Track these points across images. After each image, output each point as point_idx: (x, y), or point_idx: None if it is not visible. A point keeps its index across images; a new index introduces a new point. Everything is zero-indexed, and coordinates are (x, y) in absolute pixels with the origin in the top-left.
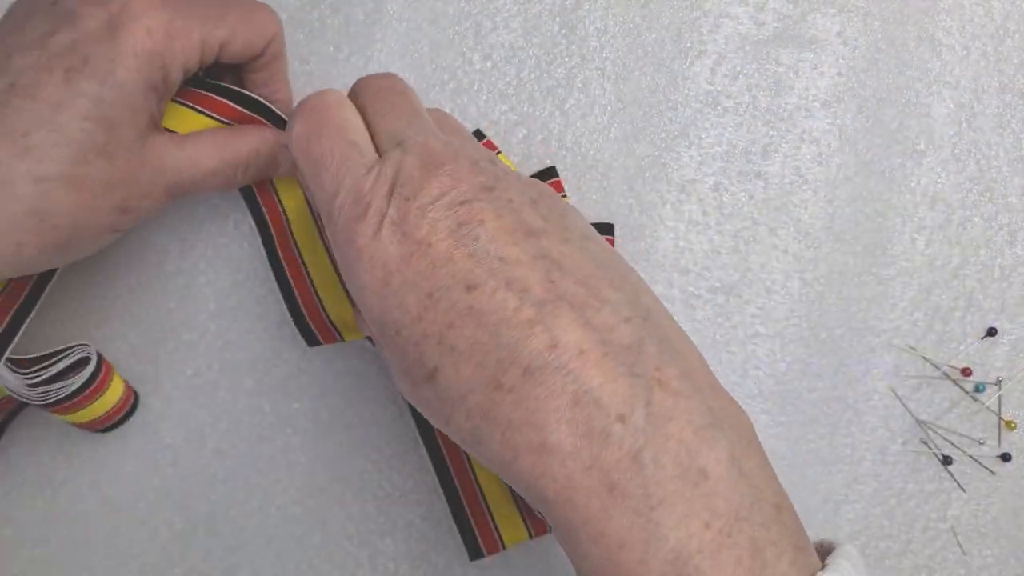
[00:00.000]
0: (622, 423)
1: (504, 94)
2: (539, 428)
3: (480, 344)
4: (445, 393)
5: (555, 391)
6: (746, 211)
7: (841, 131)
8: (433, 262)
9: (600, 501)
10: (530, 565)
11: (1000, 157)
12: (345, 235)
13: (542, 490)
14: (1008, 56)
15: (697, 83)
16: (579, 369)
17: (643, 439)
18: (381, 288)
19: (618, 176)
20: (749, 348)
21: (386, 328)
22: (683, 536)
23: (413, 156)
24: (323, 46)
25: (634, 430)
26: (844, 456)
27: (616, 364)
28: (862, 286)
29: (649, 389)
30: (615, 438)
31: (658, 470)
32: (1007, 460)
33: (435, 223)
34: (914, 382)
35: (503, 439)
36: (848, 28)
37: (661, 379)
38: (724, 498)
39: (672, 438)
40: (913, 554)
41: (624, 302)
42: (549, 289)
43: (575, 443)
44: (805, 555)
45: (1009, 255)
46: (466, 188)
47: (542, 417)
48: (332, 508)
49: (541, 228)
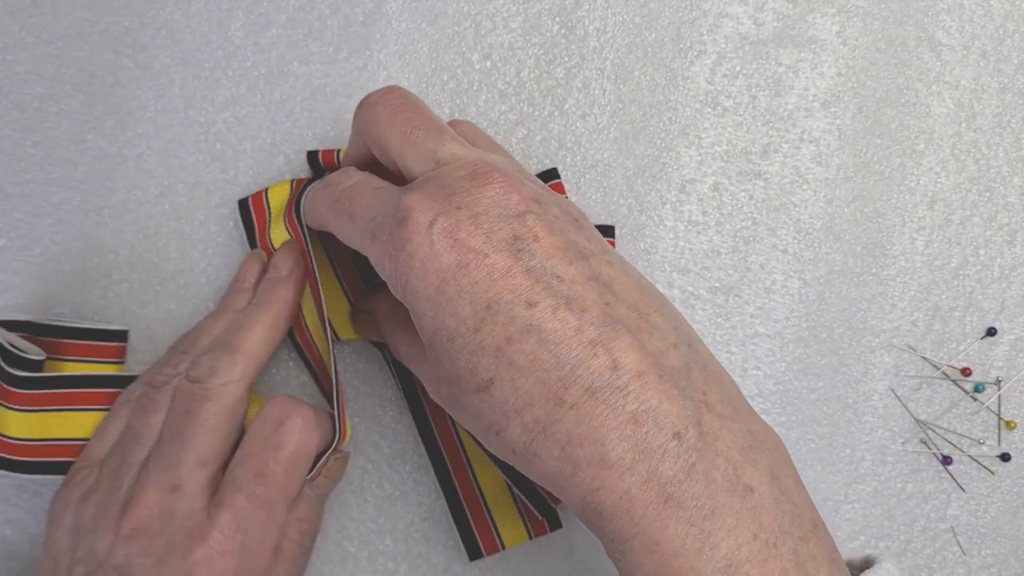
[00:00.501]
0: (678, 440)
1: (504, 94)
2: (600, 444)
3: (540, 361)
4: (500, 405)
5: (616, 409)
6: (746, 211)
7: (841, 131)
8: (491, 274)
9: (656, 512)
10: (530, 565)
11: (1000, 157)
12: (391, 245)
13: (599, 503)
14: (1008, 56)
15: (697, 83)
16: (639, 390)
17: (695, 455)
18: (435, 295)
19: (618, 176)
20: (749, 348)
21: (438, 335)
22: (733, 545)
23: (458, 168)
24: (322, 46)
25: (688, 447)
26: (844, 456)
27: (670, 386)
28: (862, 286)
29: (698, 411)
30: (671, 454)
31: (710, 484)
32: (1006, 460)
33: (490, 234)
34: (914, 382)
35: (563, 453)
36: (848, 28)
37: (708, 402)
38: (769, 512)
39: (721, 455)
40: (913, 554)
41: (670, 329)
42: (605, 312)
43: (634, 458)
44: (840, 570)
45: (1009, 255)
46: (517, 199)
47: (604, 434)
48: (332, 508)
49: (588, 250)
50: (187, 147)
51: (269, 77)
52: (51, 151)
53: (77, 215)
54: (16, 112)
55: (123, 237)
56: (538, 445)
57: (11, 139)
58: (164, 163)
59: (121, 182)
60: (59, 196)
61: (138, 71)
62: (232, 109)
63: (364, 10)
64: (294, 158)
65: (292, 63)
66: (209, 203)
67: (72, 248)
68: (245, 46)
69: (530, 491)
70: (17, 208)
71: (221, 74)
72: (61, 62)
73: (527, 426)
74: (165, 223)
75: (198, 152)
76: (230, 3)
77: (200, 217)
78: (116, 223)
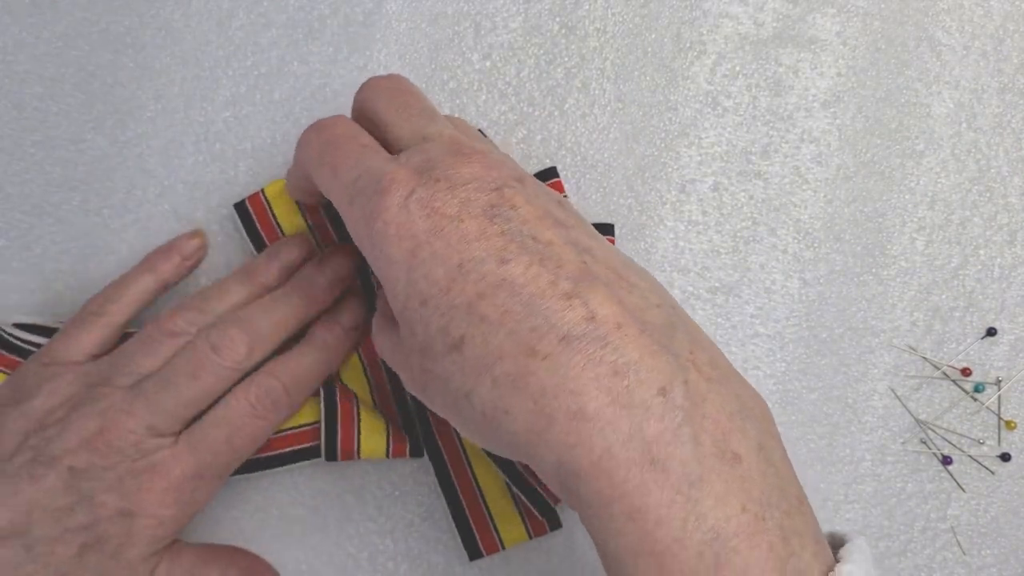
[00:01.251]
0: (663, 397)
1: (504, 94)
2: (577, 394)
3: (512, 313)
4: (471, 363)
5: (594, 360)
6: (746, 211)
7: (841, 131)
8: (464, 236)
9: (639, 475)
10: (530, 565)
11: (1000, 157)
12: (367, 212)
13: (575, 460)
14: (1008, 56)
15: (697, 83)
16: (618, 341)
17: (682, 415)
18: (408, 259)
19: (618, 176)
20: (749, 348)
21: (410, 300)
22: (721, 517)
23: (441, 144)
24: (322, 46)
25: (673, 406)
26: (844, 456)
27: (652, 341)
28: (862, 286)
29: (685, 369)
30: (656, 411)
31: (697, 447)
32: (1007, 460)
33: (466, 202)
34: (914, 382)
35: (535, 407)
36: (848, 28)
37: (695, 362)
38: (757, 484)
39: (708, 418)
40: (913, 554)
41: (650, 290)
42: (582, 268)
43: (615, 412)
44: (823, 547)
45: (1009, 255)
46: (496, 175)
47: (581, 384)
48: (332, 508)
49: (568, 222)
50: (187, 147)
51: (269, 77)
52: (51, 151)
53: (77, 215)
54: (16, 112)
55: (123, 237)
56: (509, 400)
57: (11, 139)
58: (164, 163)
59: (121, 182)
60: (59, 196)
61: (138, 71)
62: (232, 109)
63: (364, 10)
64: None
65: (292, 63)
66: (209, 203)
67: (72, 248)
68: (245, 46)
69: (530, 491)
70: (17, 208)
71: (221, 74)
72: (61, 62)
73: (497, 380)
74: (165, 223)
75: (198, 152)
76: (230, 3)
77: (200, 217)
78: (116, 223)
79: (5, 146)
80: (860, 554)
